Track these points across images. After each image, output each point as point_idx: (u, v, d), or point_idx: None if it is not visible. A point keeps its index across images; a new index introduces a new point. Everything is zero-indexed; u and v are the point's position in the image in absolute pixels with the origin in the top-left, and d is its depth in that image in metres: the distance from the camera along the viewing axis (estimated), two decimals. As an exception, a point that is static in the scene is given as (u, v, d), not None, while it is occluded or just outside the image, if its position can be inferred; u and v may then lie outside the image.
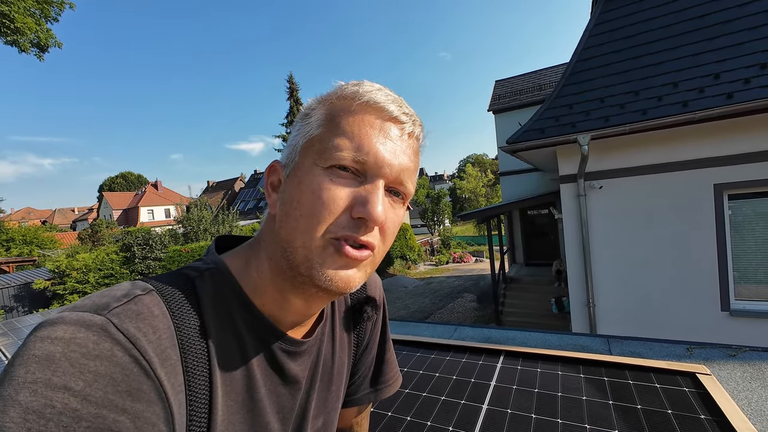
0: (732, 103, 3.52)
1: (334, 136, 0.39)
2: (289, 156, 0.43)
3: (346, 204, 0.38)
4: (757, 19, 3.92)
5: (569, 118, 4.48)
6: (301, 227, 0.38)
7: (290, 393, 0.47)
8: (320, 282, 0.39)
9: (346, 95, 0.42)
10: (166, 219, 36.07)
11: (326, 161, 0.39)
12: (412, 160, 0.43)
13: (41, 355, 0.28)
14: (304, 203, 0.39)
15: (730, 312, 3.90)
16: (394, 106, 0.42)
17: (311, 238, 0.38)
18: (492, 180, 35.16)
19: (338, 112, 0.41)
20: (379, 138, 0.40)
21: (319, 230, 0.38)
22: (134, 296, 0.35)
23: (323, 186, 0.38)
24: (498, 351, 1.72)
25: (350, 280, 0.40)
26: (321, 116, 0.42)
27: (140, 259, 11.07)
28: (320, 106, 0.43)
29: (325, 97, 0.44)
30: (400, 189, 0.42)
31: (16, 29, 6.54)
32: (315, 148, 0.40)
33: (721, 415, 1.11)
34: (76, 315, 0.31)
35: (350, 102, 0.41)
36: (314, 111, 0.43)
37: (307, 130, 0.42)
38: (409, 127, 0.43)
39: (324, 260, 0.38)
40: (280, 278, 0.42)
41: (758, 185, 3.76)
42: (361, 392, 0.65)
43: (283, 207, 0.41)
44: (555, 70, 11.47)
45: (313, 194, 0.38)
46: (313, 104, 0.44)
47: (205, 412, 0.37)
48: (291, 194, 0.40)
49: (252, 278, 0.44)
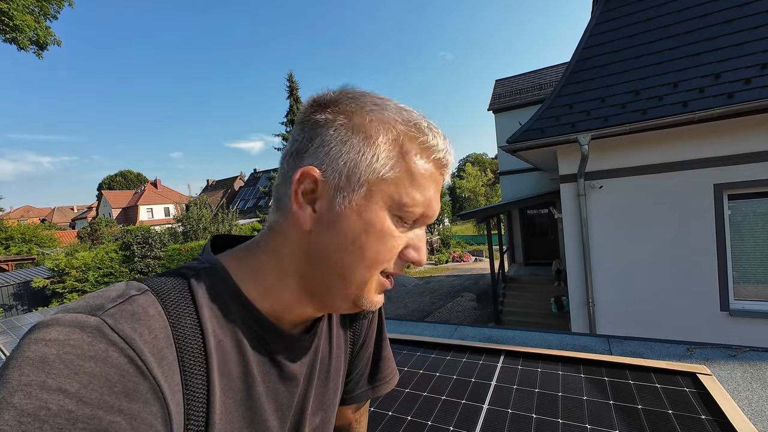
0: (732, 103, 3.52)
1: (411, 189, 0.41)
2: (341, 177, 0.40)
3: (401, 248, 0.43)
4: (758, 19, 3.93)
5: (569, 117, 4.48)
6: (363, 267, 0.41)
7: (288, 390, 0.47)
8: (363, 305, 0.44)
9: (424, 144, 0.42)
10: (166, 217, 36.07)
11: (396, 210, 0.41)
12: None
13: (35, 357, 0.28)
14: (369, 245, 0.41)
15: (729, 312, 3.91)
16: (452, 159, 0.46)
17: (368, 276, 0.42)
18: (492, 179, 35.19)
19: (414, 161, 0.41)
20: (437, 195, 0.44)
21: (377, 268, 0.42)
22: (129, 296, 0.35)
23: (391, 234, 0.42)
24: (498, 351, 1.72)
25: (380, 302, 0.46)
26: (393, 154, 0.41)
27: (140, 257, 11.08)
28: (385, 131, 0.41)
29: (387, 119, 0.41)
30: None
31: (15, 27, 6.51)
32: (388, 193, 0.41)
33: (722, 416, 1.11)
34: (71, 316, 0.31)
35: (427, 154, 0.43)
36: (380, 135, 0.41)
37: (375, 164, 0.40)
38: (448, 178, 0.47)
39: (371, 294, 0.44)
40: (304, 290, 0.44)
41: (758, 185, 3.76)
42: (359, 389, 0.65)
43: (339, 240, 0.40)
44: (555, 70, 11.47)
45: (380, 240, 0.41)
46: (375, 124, 0.41)
47: (203, 411, 0.37)
48: (351, 230, 0.40)
49: (255, 280, 0.43)
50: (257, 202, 30.24)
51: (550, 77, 11.14)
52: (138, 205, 37.13)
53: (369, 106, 0.42)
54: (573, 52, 5.06)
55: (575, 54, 4.99)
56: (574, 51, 5.04)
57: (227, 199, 34.80)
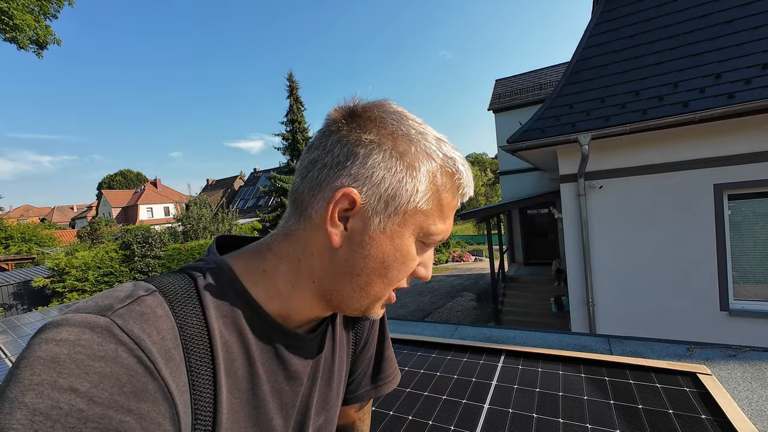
0: (733, 103, 3.52)
1: (439, 221, 0.44)
2: (379, 202, 0.40)
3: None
4: (759, 19, 3.92)
5: (570, 117, 4.48)
6: (382, 284, 0.44)
7: (292, 389, 0.47)
8: (369, 315, 0.47)
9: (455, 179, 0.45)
10: (166, 217, 36.04)
11: (422, 236, 0.44)
12: None
13: (46, 356, 0.28)
14: (394, 267, 0.43)
15: (729, 312, 3.91)
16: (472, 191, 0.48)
17: (386, 292, 0.45)
18: (492, 179, 35.18)
19: (445, 196, 0.44)
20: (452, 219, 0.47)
21: (394, 286, 0.45)
22: (137, 297, 0.35)
23: (413, 257, 0.44)
24: (499, 350, 1.73)
25: (382, 313, 0.50)
26: (430, 187, 0.42)
27: (140, 257, 11.07)
28: (427, 161, 0.42)
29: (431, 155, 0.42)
30: None
31: (14, 26, 6.50)
32: (419, 223, 0.43)
33: (722, 415, 1.11)
34: (81, 317, 0.31)
35: (455, 188, 0.45)
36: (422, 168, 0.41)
37: (414, 196, 0.41)
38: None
39: (381, 305, 0.47)
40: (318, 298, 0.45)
41: (758, 185, 3.76)
42: (362, 389, 0.65)
43: (367, 260, 0.42)
44: (555, 70, 11.47)
45: (404, 264, 0.44)
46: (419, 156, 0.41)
47: (210, 410, 0.37)
48: (382, 251, 0.42)
49: (263, 282, 0.44)
50: (257, 201, 30.21)
51: (550, 77, 11.14)
52: (138, 205, 37.09)
53: (413, 133, 0.42)
54: (573, 52, 5.06)
55: (575, 54, 4.99)
56: (575, 51, 5.03)
57: (227, 199, 34.79)
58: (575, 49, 5.04)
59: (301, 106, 16.77)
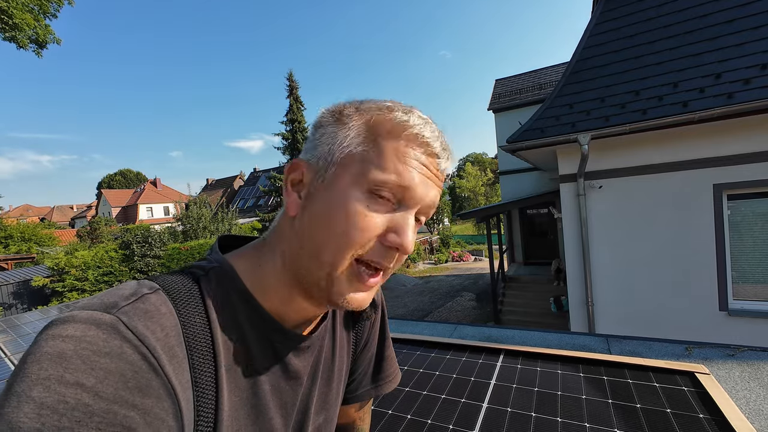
0: (733, 103, 3.52)
1: (379, 162, 0.39)
2: (319, 160, 0.42)
3: (380, 231, 0.40)
4: (759, 19, 3.92)
5: (569, 117, 4.48)
6: (332, 246, 0.39)
7: (292, 389, 0.47)
8: (334, 298, 0.41)
9: (396, 121, 0.41)
10: (165, 216, 36.03)
11: (366, 185, 0.39)
12: (439, 193, 0.45)
13: (53, 352, 0.29)
14: (339, 223, 0.39)
15: (728, 312, 3.91)
16: (438, 143, 0.42)
17: (340, 259, 0.39)
18: (491, 179, 35.19)
19: (384, 136, 0.40)
20: (421, 172, 0.41)
21: (348, 252, 0.39)
22: (141, 295, 0.36)
23: (361, 210, 0.39)
24: (498, 350, 1.73)
25: (361, 301, 0.42)
26: (362, 131, 0.41)
27: (139, 256, 11.06)
28: (359, 116, 0.42)
29: (364, 109, 0.42)
30: (422, 218, 0.44)
31: (14, 25, 6.50)
32: (355, 168, 0.40)
33: (720, 414, 1.12)
34: (86, 313, 0.32)
35: (399, 129, 0.40)
36: (352, 120, 0.41)
37: (344, 142, 0.41)
38: (444, 164, 0.44)
39: (345, 282, 0.41)
40: (295, 283, 0.43)
41: (757, 185, 3.77)
42: (362, 389, 0.66)
43: (312, 219, 0.41)
44: (555, 70, 11.46)
45: (350, 217, 0.39)
46: (350, 112, 0.42)
47: (211, 408, 0.37)
48: (324, 208, 0.40)
49: (259, 278, 0.44)
50: (257, 201, 30.20)
51: (550, 77, 11.13)
52: (137, 204, 37.08)
53: (355, 103, 0.44)
54: (573, 52, 5.06)
55: (575, 54, 4.99)
56: (575, 51, 5.03)
57: (227, 198, 34.78)
58: (575, 49, 5.04)
59: (301, 106, 16.76)
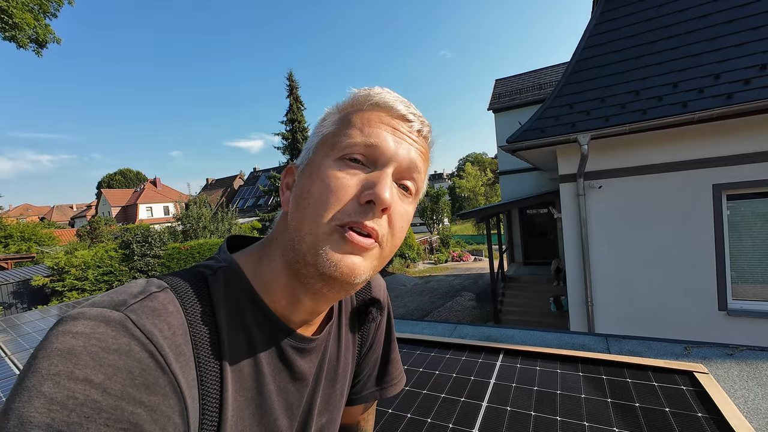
0: (732, 103, 3.53)
1: (346, 129, 0.42)
2: (303, 157, 0.46)
3: (354, 191, 0.39)
4: (758, 19, 3.93)
5: (569, 117, 4.48)
6: (309, 214, 0.39)
7: (298, 389, 0.48)
8: (325, 269, 0.38)
9: (358, 98, 0.45)
10: (165, 216, 36.01)
11: (337, 152, 0.41)
12: (420, 156, 0.44)
13: (63, 348, 0.29)
14: (314, 192, 0.40)
15: (727, 311, 3.92)
16: (402, 106, 0.44)
17: (318, 224, 0.39)
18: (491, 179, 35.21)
19: (350, 113, 0.44)
20: (387, 131, 0.42)
21: (326, 216, 0.38)
22: (150, 293, 0.36)
23: (332, 174, 0.40)
24: (497, 349, 1.73)
25: (355, 267, 0.39)
26: (335, 118, 0.45)
27: (139, 256, 11.06)
28: (336, 110, 0.47)
29: (340, 104, 0.47)
30: (408, 182, 0.44)
31: (14, 25, 6.49)
32: (327, 143, 0.43)
33: (718, 414, 1.12)
34: (96, 311, 0.32)
35: (362, 103, 0.44)
36: (330, 115, 0.47)
37: (321, 131, 0.45)
38: (417, 125, 0.45)
39: (329, 246, 0.38)
40: (291, 274, 0.43)
41: (756, 186, 3.77)
42: (367, 390, 0.66)
43: (295, 199, 0.43)
44: (555, 70, 11.46)
45: (323, 182, 0.40)
46: (329, 111, 0.48)
47: (216, 406, 0.38)
48: (302, 186, 0.42)
49: (263, 277, 0.45)
50: (257, 201, 30.20)
51: (550, 77, 11.13)
52: (137, 204, 37.06)
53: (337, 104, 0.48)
54: (573, 52, 5.06)
55: (575, 54, 4.99)
56: (575, 51, 5.04)
57: (227, 198, 34.77)
58: (575, 49, 5.05)
59: (301, 106, 16.77)
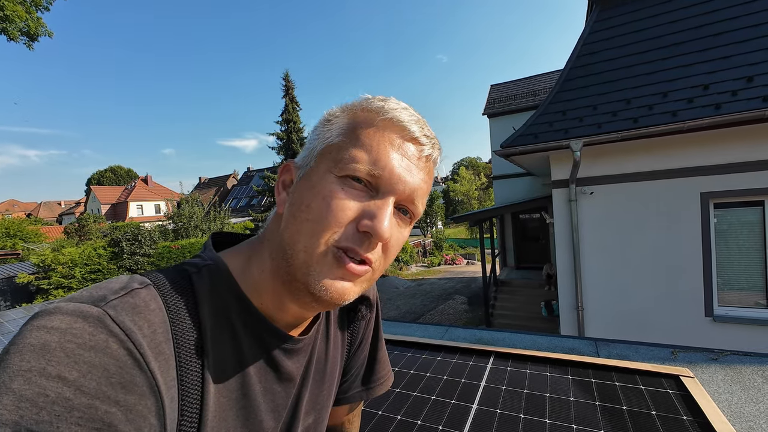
0: (720, 113, 3.62)
1: (353, 146, 0.40)
2: (305, 158, 0.44)
3: (354, 215, 0.38)
4: (745, 33, 4.04)
5: (562, 124, 4.55)
6: (306, 231, 0.38)
7: (284, 390, 0.47)
8: (315, 290, 0.38)
9: (371, 109, 0.42)
10: (156, 215, 35.54)
11: (341, 170, 0.39)
12: (425, 181, 0.43)
13: (37, 343, 0.28)
14: (313, 208, 0.38)
15: (713, 317, 4.00)
16: (416, 127, 0.42)
17: (314, 243, 0.38)
18: (485, 183, 35.45)
19: (360, 124, 0.41)
20: (396, 155, 0.40)
21: (323, 237, 0.38)
22: (131, 289, 0.35)
23: (334, 194, 0.38)
24: (488, 352, 1.74)
25: (345, 292, 0.39)
26: (342, 125, 0.42)
27: (128, 254, 10.90)
28: (343, 114, 0.43)
29: (349, 107, 0.44)
30: (409, 208, 0.42)
31: (5, 17, 6.38)
32: (332, 156, 0.40)
33: (703, 417, 1.14)
34: (74, 305, 0.31)
35: (374, 116, 0.41)
36: (336, 118, 0.43)
37: (326, 136, 0.42)
38: (428, 149, 0.43)
39: (322, 268, 0.38)
40: (278, 280, 0.42)
41: (743, 194, 3.86)
42: (353, 390, 0.65)
43: (291, 208, 0.41)
44: (549, 77, 11.61)
45: (323, 200, 0.38)
46: (336, 111, 0.44)
47: (196, 407, 0.37)
48: (301, 196, 0.40)
49: (252, 276, 0.43)
50: (250, 201, 29.97)
51: (545, 84, 11.28)
52: (128, 202, 36.51)
53: (345, 104, 0.45)
54: (567, 60, 5.14)
55: (569, 62, 5.07)
56: (568, 59, 5.12)
57: (220, 197, 34.47)
58: (569, 57, 5.13)
59: (297, 106, 16.71)
